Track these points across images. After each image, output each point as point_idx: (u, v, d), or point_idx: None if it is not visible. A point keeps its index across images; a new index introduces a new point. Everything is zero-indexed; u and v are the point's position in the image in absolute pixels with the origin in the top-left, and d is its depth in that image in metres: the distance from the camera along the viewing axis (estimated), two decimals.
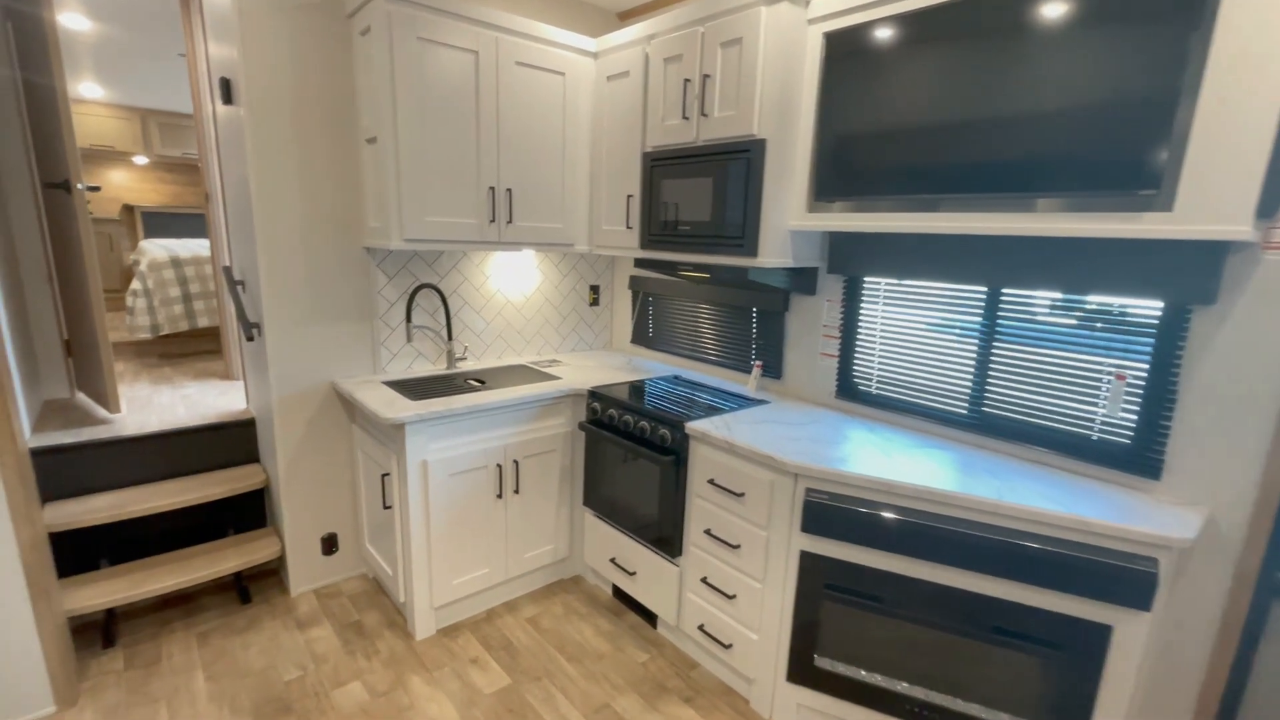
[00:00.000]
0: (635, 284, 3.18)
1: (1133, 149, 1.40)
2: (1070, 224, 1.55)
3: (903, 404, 2.18)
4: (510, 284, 2.94)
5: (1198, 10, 1.30)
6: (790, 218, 2.11)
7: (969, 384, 2.01)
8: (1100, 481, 1.71)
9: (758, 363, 2.57)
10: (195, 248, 4.19)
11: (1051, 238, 1.76)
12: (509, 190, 2.49)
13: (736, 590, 2.00)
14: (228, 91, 2.27)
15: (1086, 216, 1.52)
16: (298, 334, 2.37)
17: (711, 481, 2.02)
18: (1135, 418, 1.67)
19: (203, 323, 4.01)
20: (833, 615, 1.82)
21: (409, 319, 2.52)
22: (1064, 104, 1.49)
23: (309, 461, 2.48)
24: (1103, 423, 1.72)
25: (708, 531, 2.06)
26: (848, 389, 2.34)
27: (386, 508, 2.27)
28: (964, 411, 2.03)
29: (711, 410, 2.24)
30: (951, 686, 1.69)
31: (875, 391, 2.25)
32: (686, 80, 2.22)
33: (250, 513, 2.67)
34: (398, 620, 2.40)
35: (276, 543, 2.53)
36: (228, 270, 2.63)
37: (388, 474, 2.23)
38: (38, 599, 1.82)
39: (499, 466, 2.36)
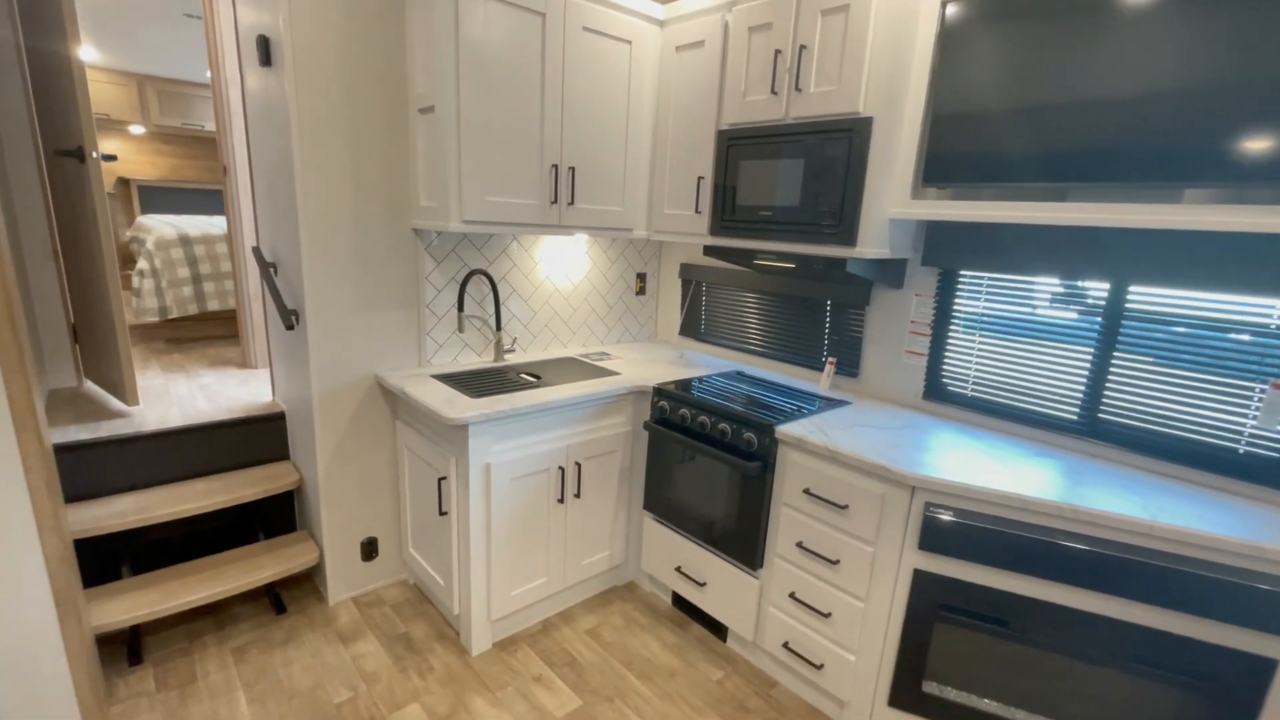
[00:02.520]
0: (687, 272, 2.99)
1: None
2: (1238, 218, 1.39)
3: (1003, 408, 2.03)
4: (558, 271, 2.75)
5: None
6: (891, 205, 1.94)
7: (1082, 388, 1.86)
8: (1247, 499, 1.58)
9: (831, 359, 2.41)
10: (203, 225, 3.93)
11: (1195, 231, 1.61)
12: (571, 169, 2.29)
13: (832, 608, 1.85)
14: (266, 52, 2.04)
15: (1259, 210, 1.37)
16: (341, 323, 2.17)
17: (807, 491, 1.86)
18: None
19: (212, 306, 3.77)
20: (947, 638, 1.68)
21: (461, 307, 2.32)
22: (1243, 80, 1.33)
23: (350, 460, 2.29)
24: (1251, 435, 1.59)
25: (799, 544, 1.91)
26: (936, 390, 2.19)
27: (442, 514, 2.09)
28: (1074, 417, 1.89)
29: (795, 412, 2.08)
30: (1079, 718, 1.56)
31: (971, 393, 2.10)
32: (777, 51, 2.03)
33: (279, 514, 2.48)
34: (448, 633, 2.23)
35: (313, 548, 2.34)
36: (258, 251, 2.41)
37: (444, 477, 2.05)
38: (66, 617, 1.62)
39: (560, 469, 2.18)
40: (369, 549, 2.41)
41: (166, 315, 3.55)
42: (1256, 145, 1.33)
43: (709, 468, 2.15)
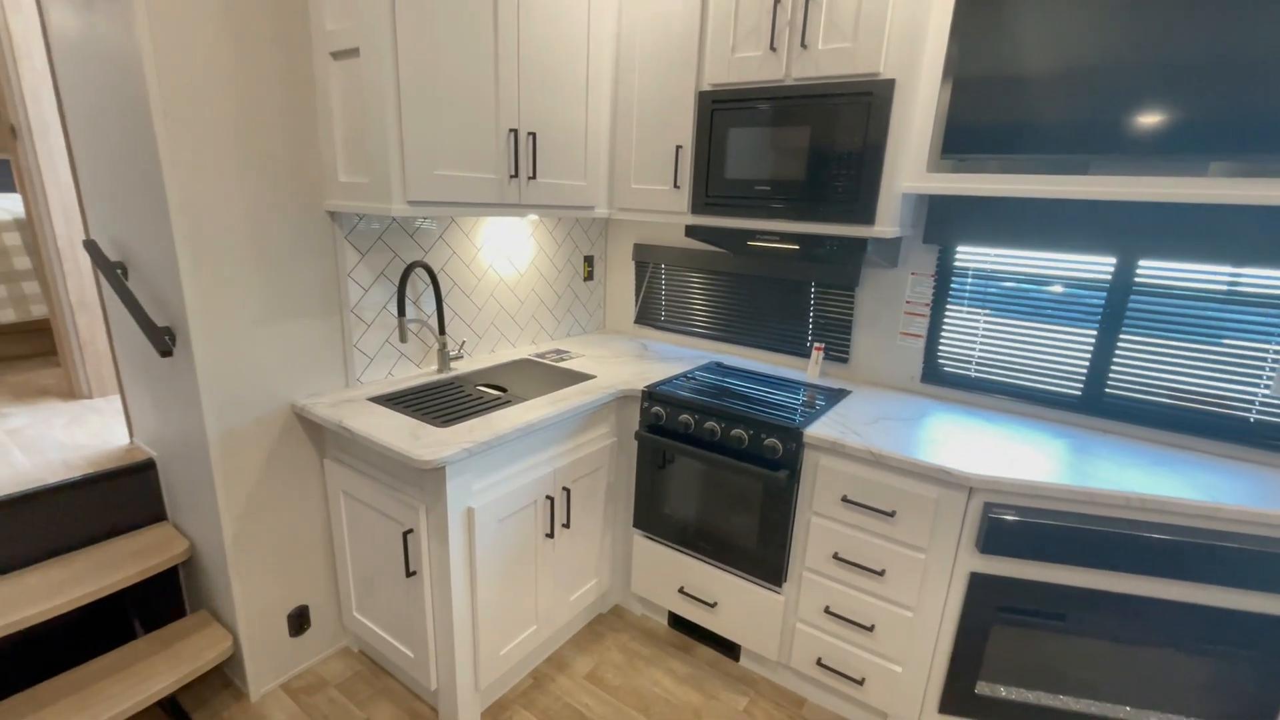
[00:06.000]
0: (642, 253, 2.69)
1: None
2: (1269, 191, 1.37)
3: (1008, 387, 1.99)
4: (502, 258, 2.32)
5: None
6: (906, 178, 1.78)
7: (1086, 364, 1.86)
8: (1257, 465, 1.64)
9: (818, 345, 2.26)
10: None
11: (1215, 205, 1.62)
12: (532, 135, 1.88)
13: (876, 621, 1.72)
14: None
15: None
16: (242, 341, 1.62)
17: (845, 499, 1.69)
18: None
19: (6, 317, 2.83)
20: (1002, 639, 1.61)
21: (401, 311, 1.85)
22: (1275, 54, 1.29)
23: (266, 516, 1.77)
24: (1262, 404, 1.64)
25: (835, 556, 1.74)
26: (934, 372, 2.11)
27: (410, 574, 1.67)
28: (1078, 393, 1.89)
29: (807, 408, 1.90)
30: (1137, 698, 1.56)
31: (974, 374, 2.04)
32: (776, 1, 1.76)
33: (159, 594, 1.89)
34: (421, 710, 1.82)
35: (222, 633, 1.80)
36: (93, 246, 1.75)
37: (410, 530, 1.62)
38: None
39: (549, 499, 1.84)
40: (298, 621, 1.91)
41: None
42: None
43: (717, 478, 1.91)
